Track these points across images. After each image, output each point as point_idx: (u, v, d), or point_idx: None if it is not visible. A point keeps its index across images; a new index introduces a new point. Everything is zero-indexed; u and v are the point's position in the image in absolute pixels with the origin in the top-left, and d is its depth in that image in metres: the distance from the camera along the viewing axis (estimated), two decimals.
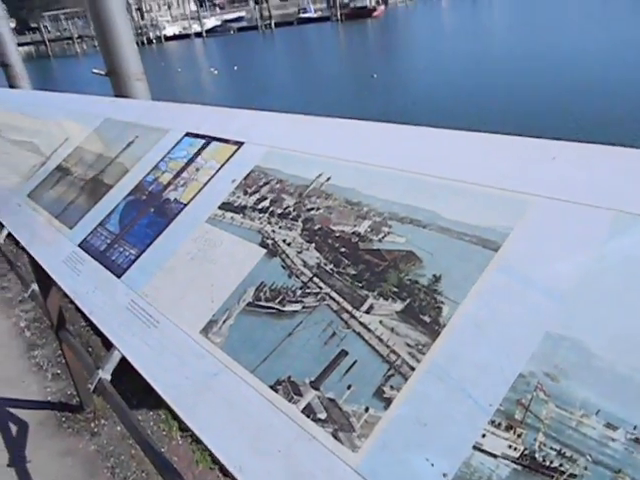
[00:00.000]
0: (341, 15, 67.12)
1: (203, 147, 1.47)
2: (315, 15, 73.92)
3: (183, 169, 1.45)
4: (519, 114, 14.86)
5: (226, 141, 1.42)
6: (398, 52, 35.36)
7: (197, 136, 1.54)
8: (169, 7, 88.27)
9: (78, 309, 1.37)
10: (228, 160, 1.34)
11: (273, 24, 69.32)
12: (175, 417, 2.57)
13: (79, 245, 1.50)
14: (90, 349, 3.25)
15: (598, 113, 14.10)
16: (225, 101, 24.42)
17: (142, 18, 74.65)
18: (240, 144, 1.36)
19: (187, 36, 69.40)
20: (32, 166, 2.25)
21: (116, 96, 4.04)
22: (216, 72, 33.23)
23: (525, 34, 33.84)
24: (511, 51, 27.34)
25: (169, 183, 1.44)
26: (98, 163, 1.85)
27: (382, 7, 73.20)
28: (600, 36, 28.15)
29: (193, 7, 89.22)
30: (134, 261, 1.27)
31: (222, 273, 1.04)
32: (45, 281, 2.34)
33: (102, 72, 4.23)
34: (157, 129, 1.74)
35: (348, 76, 27.27)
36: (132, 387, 2.27)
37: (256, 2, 79.32)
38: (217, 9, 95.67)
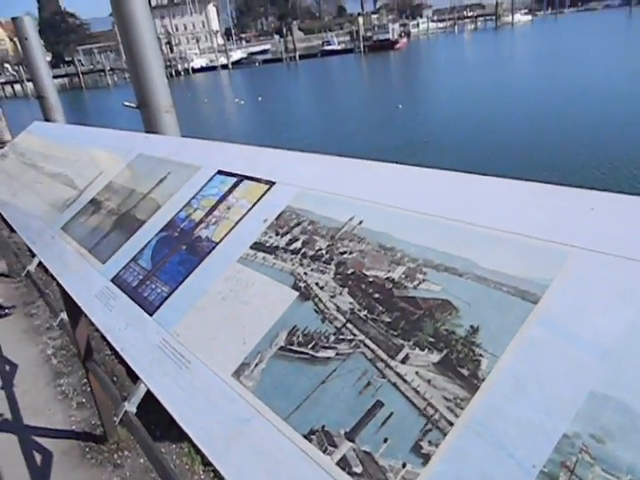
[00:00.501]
0: (364, 47, 68.39)
1: (234, 185, 1.50)
2: (338, 47, 75.49)
3: (215, 207, 1.48)
4: (538, 149, 14.81)
5: (257, 180, 1.44)
6: (421, 83, 35.75)
7: (228, 174, 1.57)
8: (197, 41, 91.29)
9: (105, 338, 1.40)
10: (260, 199, 1.36)
11: (297, 56, 70.89)
12: (198, 451, 2.56)
13: (112, 280, 1.53)
14: (115, 378, 3.27)
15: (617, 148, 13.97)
16: (249, 131, 24.88)
17: (171, 51, 77.25)
18: (271, 184, 1.38)
19: (214, 68, 71.37)
20: (66, 199, 2.32)
21: (146, 129, 4.16)
22: (242, 102, 33.99)
23: (546, 67, 33.93)
24: (531, 84, 27.41)
25: (201, 221, 1.47)
26: (131, 198, 1.89)
27: (404, 39, 74.51)
28: (620, 69, 28.09)
29: (220, 41, 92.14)
30: (166, 299, 1.28)
31: (254, 314, 1.04)
32: (74, 311, 2.38)
33: (133, 105, 4.37)
34: (189, 166, 1.78)
35: (374, 107, 27.59)
36: (155, 419, 2.27)
37: (281, 35, 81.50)
38: (243, 42, 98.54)
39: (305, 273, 1.04)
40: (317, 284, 0.99)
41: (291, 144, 19.56)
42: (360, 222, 1.05)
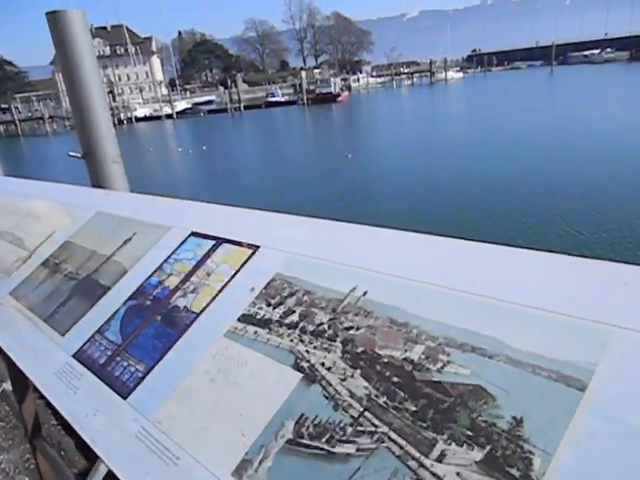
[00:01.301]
0: (307, 99, 70.42)
1: (212, 249, 1.41)
2: (282, 99, 77.39)
3: (191, 273, 1.37)
4: (470, 198, 15.52)
5: (238, 244, 1.35)
6: (364, 134, 36.93)
7: (204, 236, 1.48)
8: (141, 90, 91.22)
9: (50, 405, 1.22)
10: (243, 265, 1.27)
11: (242, 107, 71.97)
12: None
13: (74, 356, 1.37)
14: (62, 452, 2.96)
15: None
16: (196, 179, 24.69)
17: (114, 100, 76.61)
18: (255, 248, 1.30)
19: (158, 117, 71.17)
20: (14, 260, 2.13)
21: (92, 180, 3.99)
22: (190, 151, 33.91)
23: (478, 120, 36.06)
24: (465, 136, 28.96)
25: (176, 288, 1.35)
26: (91, 261, 1.75)
27: (346, 93, 77.42)
28: (544, 121, 30.27)
29: (164, 91, 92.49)
30: (142, 379, 1.15)
31: (251, 400, 0.94)
32: (20, 382, 2.15)
33: (78, 154, 4.20)
34: (157, 226, 1.67)
35: (321, 156, 28.14)
36: None
37: (225, 87, 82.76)
38: (188, 93, 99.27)
39: (307, 351, 0.95)
40: (323, 364, 0.91)
41: (238, 192, 19.52)
42: (364, 293, 0.98)
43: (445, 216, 14.00)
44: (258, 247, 1.29)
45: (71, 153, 4.58)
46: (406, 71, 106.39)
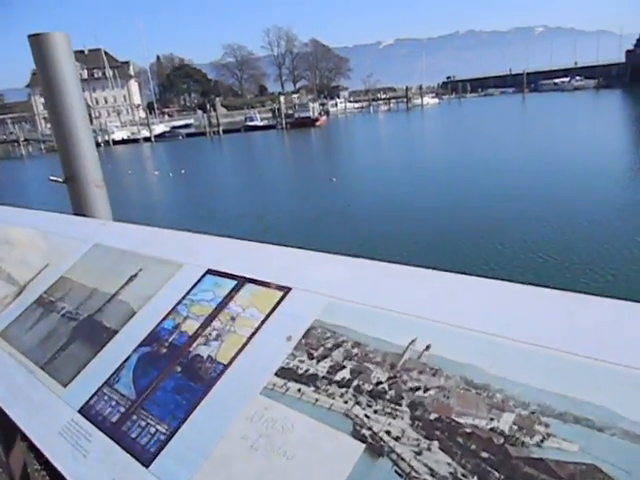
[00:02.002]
0: (286, 124, 70.89)
1: (235, 289, 1.29)
2: (261, 123, 77.84)
3: (212, 316, 1.25)
4: (448, 223, 15.67)
5: (265, 284, 1.24)
6: (344, 157, 37.19)
7: (223, 275, 1.36)
8: (118, 114, 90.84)
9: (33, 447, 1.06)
10: (274, 309, 1.15)
11: (221, 130, 72.06)
12: None
13: (79, 411, 1.22)
14: None
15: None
16: (175, 203, 24.42)
17: (91, 123, 75.99)
18: (286, 289, 1.18)
19: (136, 141, 70.78)
20: (2, 297, 1.97)
21: (73, 205, 3.84)
22: (170, 174, 33.64)
23: (452, 144, 36.71)
24: (441, 159, 29.43)
25: (196, 334, 1.23)
26: (93, 299, 1.61)
27: (324, 117, 78.33)
28: (517, 145, 30.97)
29: (142, 114, 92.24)
30: (166, 442, 1.01)
31: (305, 473, 0.81)
32: (7, 430, 1.97)
33: (59, 179, 4.06)
34: (167, 262, 1.55)
35: (303, 179, 28.16)
36: None
37: (204, 111, 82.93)
38: (166, 116, 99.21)
39: (367, 416, 0.83)
40: (389, 433, 0.79)
41: (218, 215, 19.32)
42: (427, 347, 0.88)
43: (425, 242, 14.06)
44: (289, 289, 1.18)
45: (52, 177, 4.42)
46: (383, 97, 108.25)
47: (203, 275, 1.40)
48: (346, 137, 56.55)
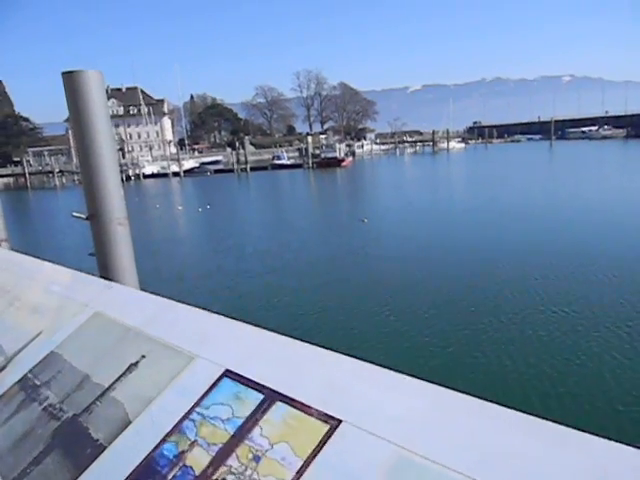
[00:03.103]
0: (313, 163, 71.66)
1: (261, 408, 0.95)
2: (288, 162, 78.91)
3: (229, 449, 0.91)
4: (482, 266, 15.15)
5: (305, 408, 0.90)
6: (369, 198, 37.10)
7: (244, 381, 1.03)
8: (150, 149, 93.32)
9: None
10: (319, 449, 0.81)
11: (249, 168, 73.15)
12: None
13: None
14: None
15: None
16: (199, 237, 24.40)
17: (123, 157, 78.10)
18: (335, 422, 0.84)
19: (165, 175, 72.26)
20: None
21: (95, 242, 3.61)
22: (199, 210, 33.98)
23: (479, 189, 36.33)
24: (464, 205, 29.03)
25: (210, 469, 0.89)
26: (82, 392, 1.29)
27: (350, 158, 79.11)
28: (545, 192, 30.41)
29: (173, 150, 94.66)
30: None
31: None
32: None
33: (82, 215, 3.87)
34: (177, 350, 1.23)
35: (330, 218, 28.01)
36: None
37: (233, 148, 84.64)
38: (196, 153, 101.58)
39: None
40: None
41: (240, 251, 19.12)
42: None
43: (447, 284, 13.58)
44: (339, 422, 0.84)
45: (75, 214, 4.22)
46: (409, 140, 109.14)
47: (220, 378, 1.07)
48: (371, 178, 56.74)
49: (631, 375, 8.73)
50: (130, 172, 70.49)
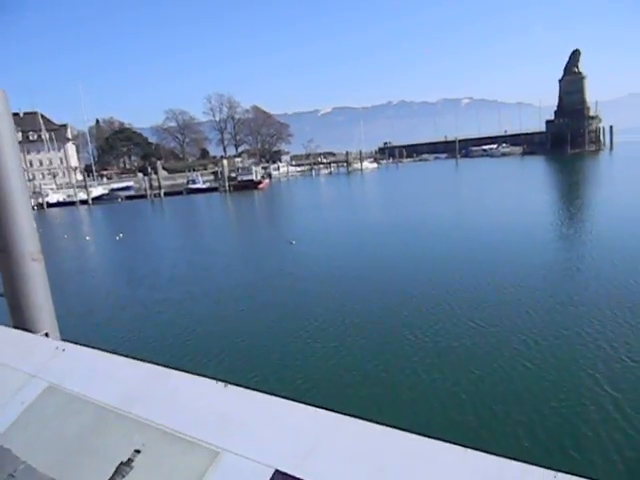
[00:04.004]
0: (229, 186, 70.86)
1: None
2: (204, 186, 77.49)
3: None
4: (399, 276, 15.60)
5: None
6: (287, 219, 37.09)
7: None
8: (54, 176, 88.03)
9: None
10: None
11: (162, 193, 70.94)
12: None
13: None
14: None
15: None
16: (110, 268, 23.06)
17: None
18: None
19: (72, 203, 68.34)
20: None
21: (4, 281, 3.18)
22: (120, 235, 32.24)
23: (395, 207, 37.65)
24: (382, 221, 29.92)
25: None
26: None
27: (267, 180, 79.22)
28: (450, 207, 32.10)
29: (80, 177, 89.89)
30: None
31: None
32: None
33: None
34: (178, 438, 0.99)
35: (259, 242, 27.54)
36: None
37: (144, 173, 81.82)
38: (104, 179, 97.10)
39: None
40: None
41: (157, 281, 18.28)
42: None
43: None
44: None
45: None
46: (324, 161, 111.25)
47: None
48: (290, 199, 57.02)
49: (536, 382, 9.15)
50: (32, 201, 65.92)
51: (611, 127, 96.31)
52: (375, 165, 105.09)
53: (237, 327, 13.14)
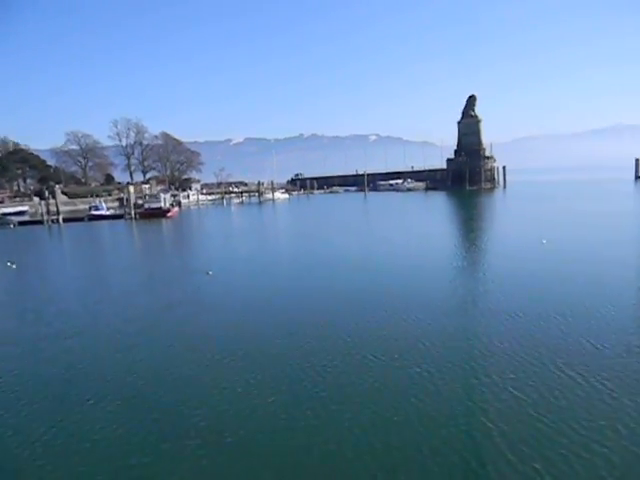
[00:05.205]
0: (135, 214, 68.14)
1: None
2: (108, 213, 73.91)
3: None
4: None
5: None
6: (195, 248, 36.20)
7: None
8: None
9: None
10: None
11: (61, 219, 66.62)
12: None
13: None
14: None
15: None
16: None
17: None
18: None
19: None
20: None
21: None
22: (12, 264, 29.63)
23: (301, 236, 38.15)
24: (293, 252, 30.24)
25: None
26: None
27: (176, 208, 77.17)
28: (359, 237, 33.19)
29: None
30: None
31: None
32: None
33: None
34: None
35: (166, 273, 26.43)
36: None
37: (41, 198, 76.58)
38: None
39: None
40: None
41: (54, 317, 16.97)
42: None
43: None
44: None
45: None
46: (236, 190, 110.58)
47: None
48: (200, 228, 55.78)
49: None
50: None
51: (504, 167, 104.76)
52: (287, 196, 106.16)
53: (129, 365, 12.37)
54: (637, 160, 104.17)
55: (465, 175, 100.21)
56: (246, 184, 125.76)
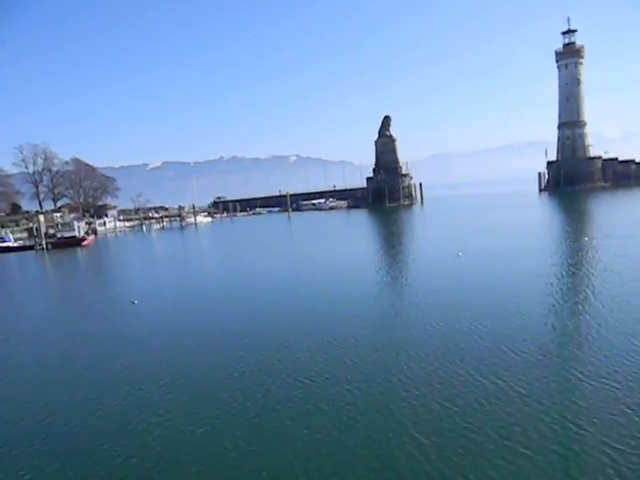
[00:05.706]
0: (47, 244, 64.39)
1: None
2: (15, 244, 69.30)
3: None
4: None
5: None
6: (113, 278, 34.71)
7: None
8: None
9: None
10: None
11: None
12: None
13: None
14: None
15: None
16: None
17: None
18: None
19: None
20: None
21: None
22: None
23: (225, 260, 37.79)
24: (216, 276, 29.88)
25: None
26: None
27: (92, 237, 73.85)
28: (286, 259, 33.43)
29: None
30: None
31: None
32: None
33: None
34: None
35: (89, 303, 24.98)
36: None
37: None
38: None
39: None
40: None
41: None
42: None
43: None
44: None
45: None
46: (156, 215, 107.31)
47: None
48: (118, 256, 53.47)
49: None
50: None
51: (420, 184, 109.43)
52: (209, 219, 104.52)
53: (42, 407, 11.65)
54: (540, 174, 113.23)
55: (385, 192, 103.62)
56: (166, 209, 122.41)
